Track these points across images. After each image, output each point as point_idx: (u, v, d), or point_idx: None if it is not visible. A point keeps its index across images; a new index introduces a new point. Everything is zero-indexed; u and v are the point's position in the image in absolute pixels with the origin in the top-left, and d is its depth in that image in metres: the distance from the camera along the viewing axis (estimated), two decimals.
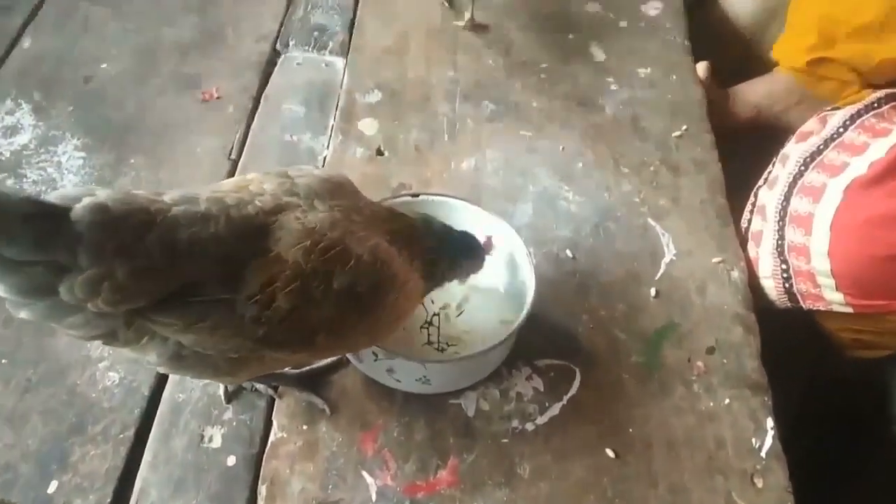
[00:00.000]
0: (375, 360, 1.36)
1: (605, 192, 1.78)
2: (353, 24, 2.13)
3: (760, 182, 1.80)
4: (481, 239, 1.39)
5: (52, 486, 1.27)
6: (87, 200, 0.99)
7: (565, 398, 1.45)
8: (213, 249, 1.06)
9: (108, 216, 1.00)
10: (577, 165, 1.83)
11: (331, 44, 2.06)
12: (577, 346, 1.52)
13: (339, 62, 2.02)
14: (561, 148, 1.86)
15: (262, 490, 1.29)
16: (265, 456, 1.33)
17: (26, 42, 2.03)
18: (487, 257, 1.40)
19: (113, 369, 1.41)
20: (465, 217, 1.52)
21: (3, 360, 1.40)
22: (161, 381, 1.41)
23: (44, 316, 1.03)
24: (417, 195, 1.54)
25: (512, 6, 2.21)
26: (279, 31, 2.11)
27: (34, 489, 1.26)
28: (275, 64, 2.03)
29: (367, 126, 1.86)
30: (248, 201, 1.13)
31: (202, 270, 1.06)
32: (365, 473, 1.33)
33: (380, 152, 1.81)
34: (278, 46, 2.07)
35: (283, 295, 1.08)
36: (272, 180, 1.17)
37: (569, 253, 1.66)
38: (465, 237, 1.37)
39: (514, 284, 1.48)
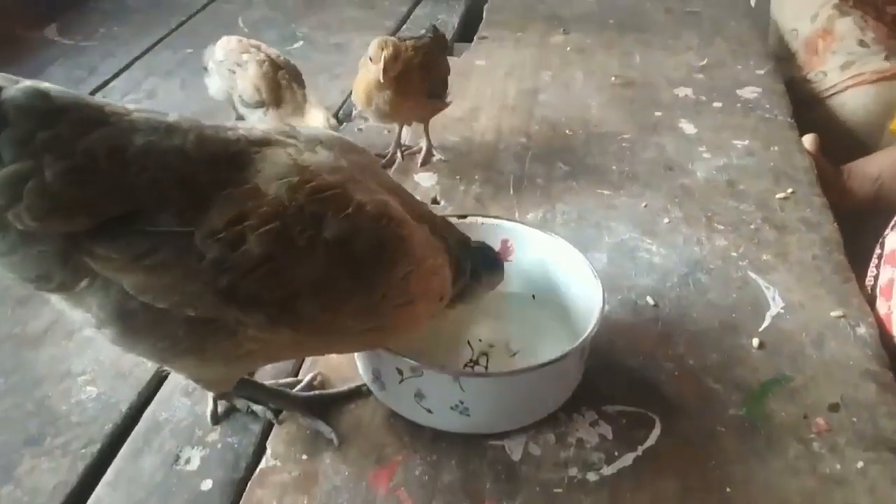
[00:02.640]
0: (401, 381, 1.09)
1: (696, 246, 1.52)
2: None
3: (887, 231, 1.50)
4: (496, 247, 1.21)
5: None
6: (26, 84, 0.80)
7: (640, 448, 1.12)
8: (173, 166, 0.84)
9: (46, 104, 0.80)
10: (661, 221, 1.59)
11: None
12: (657, 394, 1.21)
13: (405, 130, 1.89)
14: (643, 205, 1.63)
15: None
16: (250, 484, 1.05)
17: None
18: (506, 264, 1.21)
19: (93, 384, 1.19)
20: (521, 241, 1.31)
21: None
22: (145, 399, 1.17)
23: None
24: (465, 216, 1.33)
25: (593, 88, 2.08)
26: (344, 102, 2.03)
27: None
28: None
29: (425, 178, 1.70)
30: (231, 128, 0.93)
31: (156, 192, 0.83)
32: None
33: (435, 201, 1.62)
34: (340, 115, 1.98)
35: (255, 236, 0.84)
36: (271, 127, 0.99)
37: (650, 300, 1.38)
38: (483, 247, 1.17)
39: (576, 321, 1.22)
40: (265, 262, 0.85)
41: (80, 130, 0.81)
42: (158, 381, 1.20)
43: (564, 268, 1.27)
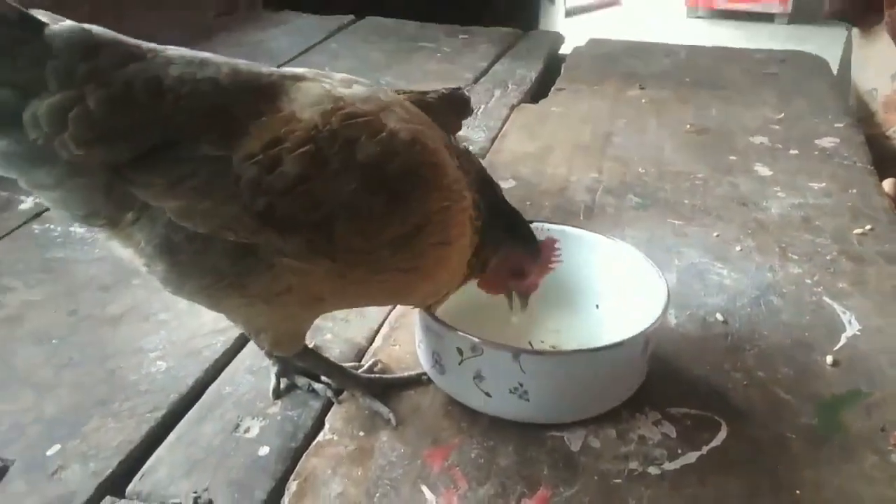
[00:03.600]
0: (461, 362, 1.09)
1: (769, 272, 1.49)
2: (497, 137, 2.07)
3: None
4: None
5: (53, 449, 1.05)
6: (70, 23, 0.87)
7: (705, 448, 1.09)
8: (209, 95, 0.89)
9: (88, 38, 0.86)
10: (733, 249, 1.57)
11: (471, 147, 2.00)
12: (724, 400, 1.18)
13: None
14: (715, 234, 1.62)
15: (293, 486, 1.00)
16: (306, 454, 1.05)
17: None
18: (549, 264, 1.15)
19: (163, 359, 1.22)
20: (586, 248, 1.31)
21: (55, 341, 1.26)
22: (211, 376, 1.20)
23: (7, 162, 0.87)
24: (530, 222, 1.34)
25: (667, 134, 2.10)
26: None
27: (32, 449, 1.05)
28: None
29: None
30: (267, 67, 0.97)
31: (192, 120, 0.88)
32: (425, 488, 1.01)
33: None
34: None
35: (290, 157, 0.88)
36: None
37: (719, 317, 1.36)
38: (524, 224, 1.14)
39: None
40: (300, 183, 0.88)
41: (119, 62, 0.86)
42: (226, 360, 1.23)
43: (628, 274, 1.27)
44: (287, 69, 0.99)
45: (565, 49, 2.93)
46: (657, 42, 2.97)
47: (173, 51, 0.92)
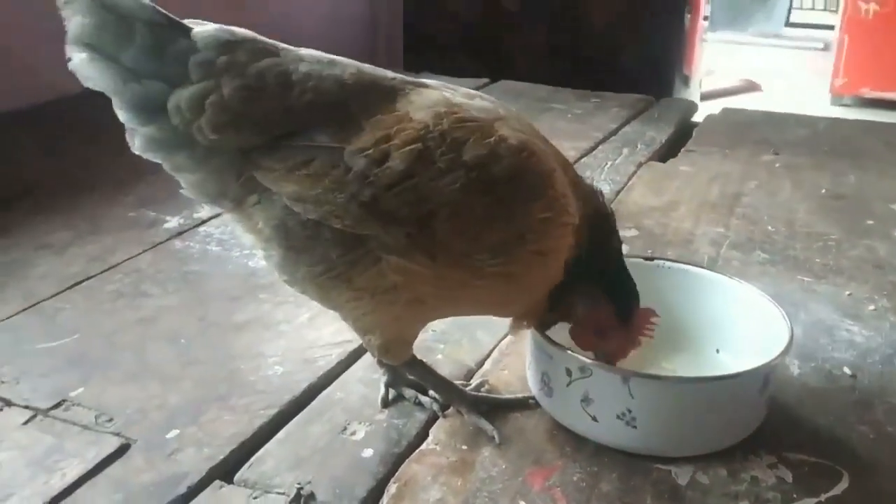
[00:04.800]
0: (569, 384, 1.09)
1: None
2: (622, 190, 2.07)
3: None
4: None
5: (172, 433, 1.10)
6: (214, 25, 0.97)
7: (823, 496, 1.03)
8: (331, 91, 0.96)
9: (229, 37, 0.96)
10: (866, 307, 1.50)
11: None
12: (847, 451, 1.11)
13: None
14: (847, 293, 1.55)
15: (392, 488, 1.01)
16: (408, 460, 1.06)
17: None
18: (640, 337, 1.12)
19: (280, 364, 1.27)
20: (708, 289, 1.28)
21: (183, 341, 1.34)
22: (325, 382, 1.23)
23: (154, 146, 0.97)
24: (651, 259, 1.33)
25: (800, 197, 2.04)
26: None
27: (154, 432, 1.11)
28: None
29: None
30: (393, 74, 1.03)
31: (314, 112, 0.95)
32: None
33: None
34: None
35: (398, 154, 0.93)
36: None
37: (846, 370, 1.29)
38: (627, 279, 1.10)
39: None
40: (406, 179, 0.92)
41: (254, 57, 0.96)
42: (340, 370, 1.27)
43: (751, 318, 1.23)
44: (414, 78, 1.05)
45: (699, 118, 2.92)
46: (794, 113, 2.91)
47: (306, 51, 1.01)
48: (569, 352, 1.06)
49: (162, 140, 0.96)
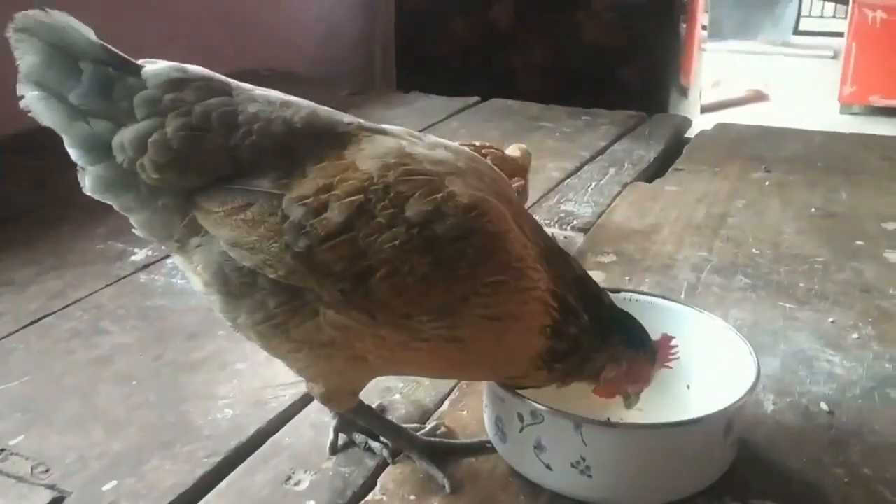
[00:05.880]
0: (521, 429, 1.03)
1: (888, 363, 1.35)
2: (604, 213, 2.01)
3: None
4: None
5: (109, 485, 1.06)
6: (168, 63, 0.95)
7: None
8: (278, 134, 0.93)
9: (179, 75, 0.94)
10: (849, 336, 1.44)
11: (574, 221, 1.95)
12: (819, 497, 1.05)
13: (580, 237, 1.87)
14: (830, 320, 1.49)
15: None
16: None
17: None
18: (662, 368, 1.08)
19: (231, 407, 1.23)
20: (677, 322, 1.22)
21: (134, 382, 1.30)
22: (275, 427, 1.19)
23: (102, 185, 0.95)
24: (618, 291, 1.28)
25: (789, 217, 1.98)
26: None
27: (90, 483, 1.07)
28: None
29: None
30: (352, 118, 0.99)
31: (259, 156, 0.92)
32: None
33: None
34: None
35: (337, 204, 0.88)
36: None
37: (824, 406, 1.24)
38: (629, 318, 1.05)
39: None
40: (343, 232, 0.88)
41: (201, 96, 0.93)
42: (292, 413, 1.22)
43: (719, 351, 1.17)
44: (375, 124, 1.00)
45: (697, 132, 2.86)
46: (790, 127, 2.85)
47: (262, 91, 0.97)
48: (519, 397, 1.01)
49: (109, 179, 0.95)
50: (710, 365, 1.19)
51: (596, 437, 0.98)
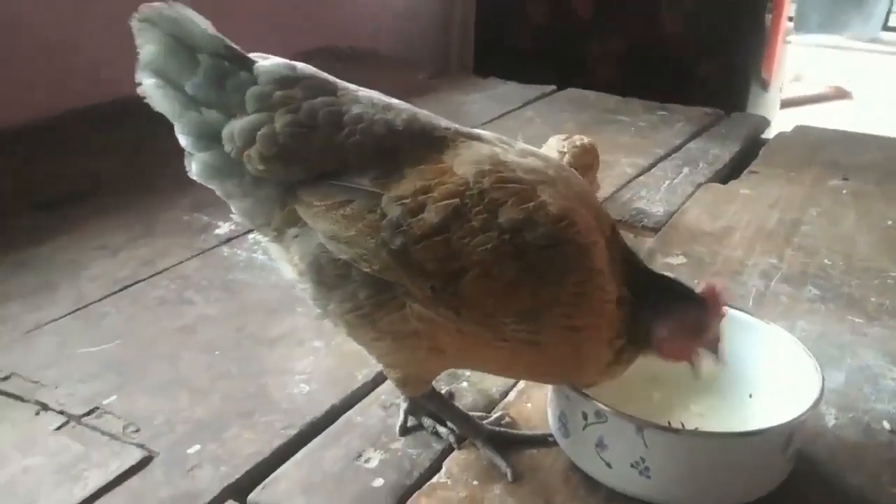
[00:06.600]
0: (584, 427, 1.07)
1: None
2: (676, 213, 2.02)
3: None
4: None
5: (194, 448, 1.14)
6: (278, 59, 1.01)
7: None
8: (379, 135, 0.98)
9: (289, 72, 0.99)
10: None
11: (645, 220, 1.96)
12: None
13: (649, 240, 1.88)
14: None
15: None
16: (418, 492, 1.07)
17: None
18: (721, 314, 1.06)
19: (307, 383, 1.29)
20: (743, 331, 1.24)
21: (217, 353, 1.37)
22: (347, 405, 1.25)
23: (208, 172, 1.01)
24: None
25: (864, 228, 1.96)
26: None
27: (176, 445, 1.14)
28: None
29: None
30: (450, 124, 1.04)
31: (360, 155, 0.97)
32: None
33: None
34: None
35: (434, 207, 0.93)
36: None
37: (886, 425, 1.24)
38: (663, 278, 1.07)
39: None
40: (437, 233, 0.92)
41: (309, 94, 0.98)
42: (364, 393, 1.28)
43: (784, 364, 1.19)
44: (470, 129, 1.05)
45: (776, 130, 2.83)
46: (872, 133, 2.79)
47: (364, 92, 1.02)
48: (584, 396, 1.05)
49: (215, 167, 1.01)
50: (774, 376, 1.21)
51: (657, 440, 1.02)
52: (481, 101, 2.92)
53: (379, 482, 1.09)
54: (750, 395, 1.25)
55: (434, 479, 1.09)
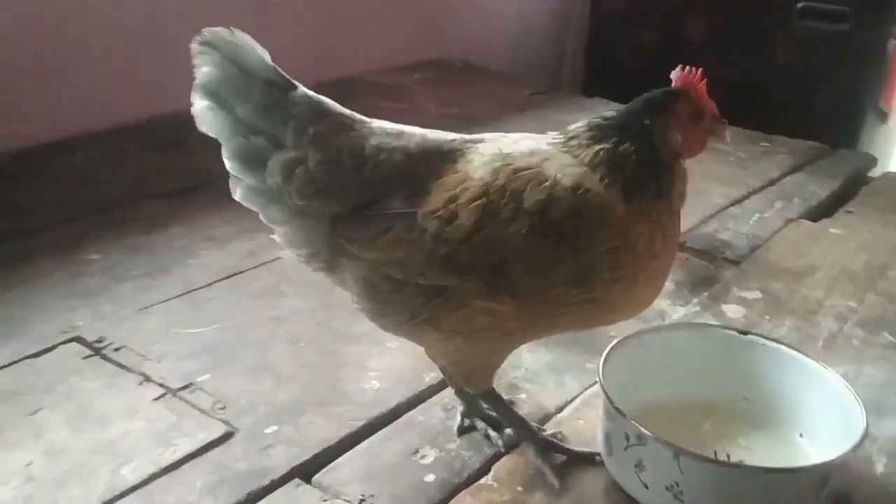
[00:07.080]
0: (626, 447, 1.14)
1: None
2: (759, 247, 2.03)
3: None
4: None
5: (271, 429, 1.26)
6: (304, 90, 1.10)
7: None
8: (398, 161, 1.07)
9: (319, 106, 1.09)
10: None
11: (727, 253, 1.99)
12: None
13: (727, 272, 1.91)
14: None
15: None
16: (464, 491, 1.16)
17: None
18: None
19: (378, 380, 1.41)
20: (797, 372, 1.28)
21: (302, 344, 1.50)
22: (412, 403, 1.35)
23: (253, 196, 1.11)
24: (746, 333, 1.34)
25: None
26: None
27: (256, 425, 1.27)
28: None
29: (732, 310, 1.71)
30: (455, 135, 1.13)
31: (386, 183, 1.06)
32: None
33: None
34: None
35: (465, 210, 1.02)
36: None
37: None
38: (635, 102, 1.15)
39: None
40: (475, 232, 1.02)
41: (335, 130, 1.08)
42: (429, 394, 1.38)
43: (833, 405, 1.22)
44: (472, 135, 1.15)
45: (878, 173, 2.77)
46: None
47: (377, 123, 1.12)
48: (627, 419, 1.12)
49: (259, 192, 1.11)
50: (825, 418, 1.24)
51: (691, 467, 1.07)
52: (579, 120, 2.97)
53: (430, 477, 1.18)
54: (801, 435, 1.28)
55: (482, 481, 1.18)
